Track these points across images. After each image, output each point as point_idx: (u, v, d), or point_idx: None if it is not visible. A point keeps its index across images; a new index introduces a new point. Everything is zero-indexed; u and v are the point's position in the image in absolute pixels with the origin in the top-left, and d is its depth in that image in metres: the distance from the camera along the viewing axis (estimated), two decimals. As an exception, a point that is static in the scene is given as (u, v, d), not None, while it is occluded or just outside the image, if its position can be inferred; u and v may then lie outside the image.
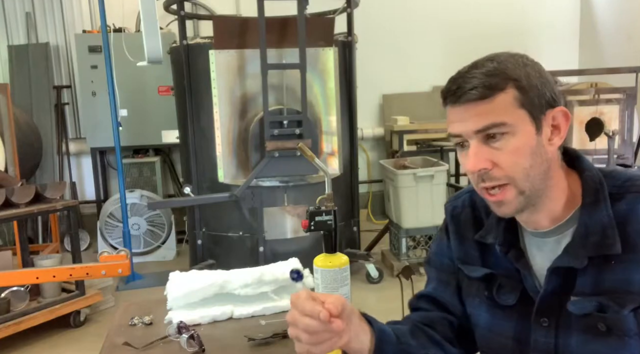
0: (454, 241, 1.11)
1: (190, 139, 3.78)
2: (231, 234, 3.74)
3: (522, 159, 0.91)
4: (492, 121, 0.90)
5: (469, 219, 1.10)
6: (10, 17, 5.04)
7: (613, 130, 3.66)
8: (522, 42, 5.58)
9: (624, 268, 0.90)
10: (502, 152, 0.91)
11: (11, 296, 3.01)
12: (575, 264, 0.92)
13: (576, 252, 0.92)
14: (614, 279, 0.91)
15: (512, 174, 0.91)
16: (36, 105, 4.95)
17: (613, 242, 0.91)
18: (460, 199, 1.14)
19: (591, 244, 0.92)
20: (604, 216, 0.93)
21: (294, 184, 3.59)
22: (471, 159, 0.92)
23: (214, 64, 3.46)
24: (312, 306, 0.88)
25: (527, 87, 0.91)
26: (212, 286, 1.48)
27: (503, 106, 0.90)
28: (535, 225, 0.99)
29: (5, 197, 3.00)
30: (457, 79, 0.93)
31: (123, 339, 1.35)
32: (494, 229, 1.04)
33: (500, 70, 0.91)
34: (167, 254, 4.63)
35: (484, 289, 1.05)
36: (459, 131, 0.93)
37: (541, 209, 0.96)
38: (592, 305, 0.91)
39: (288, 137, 3.39)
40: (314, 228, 1.28)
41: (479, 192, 0.97)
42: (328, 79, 3.64)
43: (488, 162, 0.91)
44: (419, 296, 1.16)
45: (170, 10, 4.04)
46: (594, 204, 0.94)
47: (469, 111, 0.91)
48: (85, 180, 5.32)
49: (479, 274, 1.05)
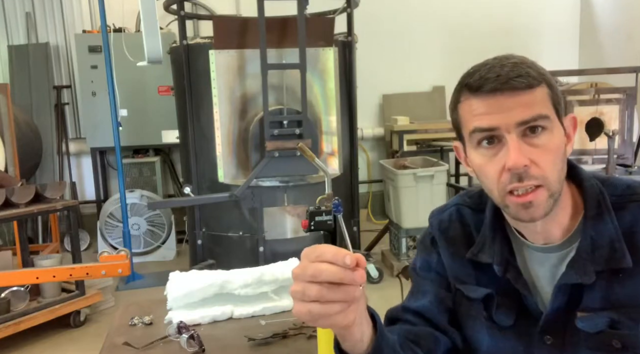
0: (447, 258, 1.04)
1: (190, 139, 3.78)
2: (231, 234, 3.74)
3: (557, 159, 0.87)
4: (539, 112, 0.85)
5: (459, 235, 1.03)
6: (10, 17, 5.04)
7: (613, 130, 3.65)
8: (523, 42, 5.59)
9: (634, 281, 0.87)
10: (541, 150, 0.85)
11: (11, 296, 3.01)
12: (584, 280, 0.88)
13: (583, 268, 0.88)
14: (623, 293, 0.87)
15: (548, 174, 0.86)
16: (36, 105, 4.95)
17: (622, 256, 0.87)
18: (446, 213, 1.06)
19: (599, 258, 0.88)
20: (610, 229, 0.89)
21: (294, 184, 3.59)
22: (514, 153, 0.84)
23: (214, 64, 3.46)
24: (336, 250, 0.71)
25: (554, 86, 0.88)
26: (212, 286, 1.48)
27: (544, 98, 0.86)
28: (545, 235, 0.93)
29: (5, 197, 3.00)
30: (492, 68, 0.86)
31: (123, 339, 1.35)
32: (488, 247, 0.98)
33: (533, 65, 0.87)
34: (167, 254, 4.62)
35: (483, 310, 0.98)
36: (497, 123, 0.85)
37: (554, 218, 0.91)
38: (603, 322, 0.87)
39: (288, 137, 3.39)
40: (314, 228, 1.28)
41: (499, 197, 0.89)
42: (328, 79, 3.64)
43: (527, 159, 0.84)
44: (405, 308, 1.05)
45: (170, 10, 4.04)
46: (598, 216, 0.90)
47: (514, 100, 0.84)
48: (85, 180, 5.32)
49: (479, 295, 0.99)
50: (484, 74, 0.86)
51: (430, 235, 1.07)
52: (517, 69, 0.85)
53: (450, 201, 1.09)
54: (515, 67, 0.85)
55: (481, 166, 0.90)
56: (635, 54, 4.93)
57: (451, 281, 1.03)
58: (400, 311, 1.05)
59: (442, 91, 5.57)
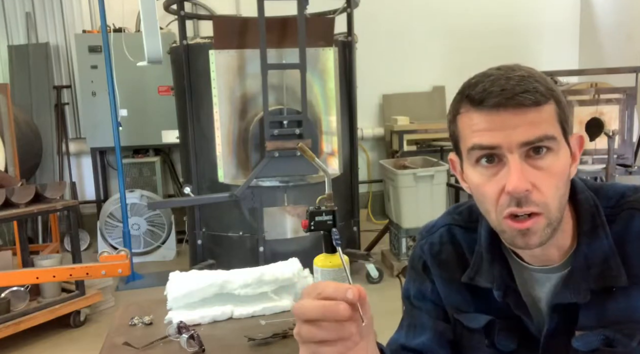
0: (442, 286, 0.98)
1: (190, 139, 3.78)
2: (231, 234, 3.74)
3: (561, 183, 0.80)
4: (545, 133, 0.77)
5: (453, 259, 0.97)
6: (10, 17, 5.04)
7: (613, 130, 3.66)
8: (523, 42, 5.59)
9: (627, 295, 0.84)
10: (545, 173, 0.78)
11: (11, 296, 3.01)
12: (578, 299, 0.84)
13: (577, 286, 0.84)
14: (617, 308, 0.84)
15: (549, 201, 0.79)
16: (36, 105, 4.95)
17: (617, 274, 0.83)
18: (436, 234, 0.99)
19: (593, 276, 0.84)
20: (604, 245, 0.85)
21: (294, 184, 3.59)
22: (515, 176, 0.77)
23: (214, 64, 3.46)
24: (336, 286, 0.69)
25: (562, 102, 0.81)
26: (212, 286, 1.48)
27: (551, 117, 0.79)
28: (544, 259, 0.88)
29: (5, 197, 3.00)
30: (496, 80, 0.79)
31: (123, 339, 1.35)
32: (485, 270, 0.92)
33: (542, 78, 0.80)
34: (167, 254, 4.62)
35: (484, 338, 0.93)
36: (498, 141, 0.78)
37: (554, 243, 0.85)
38: (598, 339, 0.84)
39: (288, 137, 3.39)
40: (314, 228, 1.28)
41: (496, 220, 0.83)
42: (328, 79, 3.64)
43: (529, 183, 0.77)
44: (404, 348, 0.99)
45: (170, 10, 4.04)
46: (591, 231, 0.86)
47: (519, 118, 0.77)
48: (85, 180, 5.32)
49: (480, 324, 0.93)
50: (488, 87, 0.79)
51: (422, 260, 1.01)
52: (524, 83, 0.78)
53: (439, 219, 1.02)
54: (522, 81, 0.78)
55: (479, 185, 0.83)
56: (635, 54, 4.93)
57: (448, 311, 0.98)
58: (400, 351, 1.00)
59: (442, 91, 5.57)
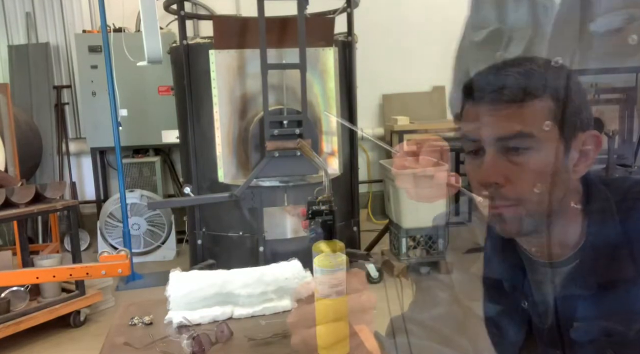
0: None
1: (190, 139, 3.78)
2: (231, 234, 3.74)
3: (540, 180, 0.79)
4: (520, 130, 0.77)
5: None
6: (10, 17, 5.04)
7: (613, 130, 3.65)
8: (522, 42, 5.58)
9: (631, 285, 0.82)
10: (521, 169, 0.78)
11: (11, 296, 3.01)
12: (585, 291, 0.83)
13: (584, 280, 0.83)
14: (615, 298, 0.83)
15: (524, 195, 0.79)
16: (36, 105, 4.95)
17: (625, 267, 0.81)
18: None
19: (601, 269, 0.82)
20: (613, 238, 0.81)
21: (294, 184, 3.59)
22: (485, 169, 0.79)
23: (214, 64, 3.45)
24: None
25: (565, 100, 0.79)
26: (212, 286, 1.48)
27: (534, 115, 0.78)
28: (547, 254, 0.88)
29: (5, 197, 3.00)
30: (487, 73, 0.80)
31: (123, 339, 1.35)
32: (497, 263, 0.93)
33: (540, 74, 0.79)
34: (167, 254, 4.62)
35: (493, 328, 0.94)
36: (479, 135, 0.80)
37: (553, 240, 0.84)
38: (596, 330, 0.83)
39: (288, 137, 3.39)
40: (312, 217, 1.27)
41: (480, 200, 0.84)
42: (328, 79, 3.64)
43: (502, 177, 0.78)
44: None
45: (170, 10, 4.04)
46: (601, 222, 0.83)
47: (495, 114, 0.78)
48: (85, 180, 5.32)
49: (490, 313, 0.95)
50: (477, 79, 0.80)
51: None
52: (508, 78, 0.77)
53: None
54: (508, 76, 0.77)
55: (468, 172, 0.85)
56: (635, 54, 4.93)
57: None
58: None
59: (442, 91, 5.57)
